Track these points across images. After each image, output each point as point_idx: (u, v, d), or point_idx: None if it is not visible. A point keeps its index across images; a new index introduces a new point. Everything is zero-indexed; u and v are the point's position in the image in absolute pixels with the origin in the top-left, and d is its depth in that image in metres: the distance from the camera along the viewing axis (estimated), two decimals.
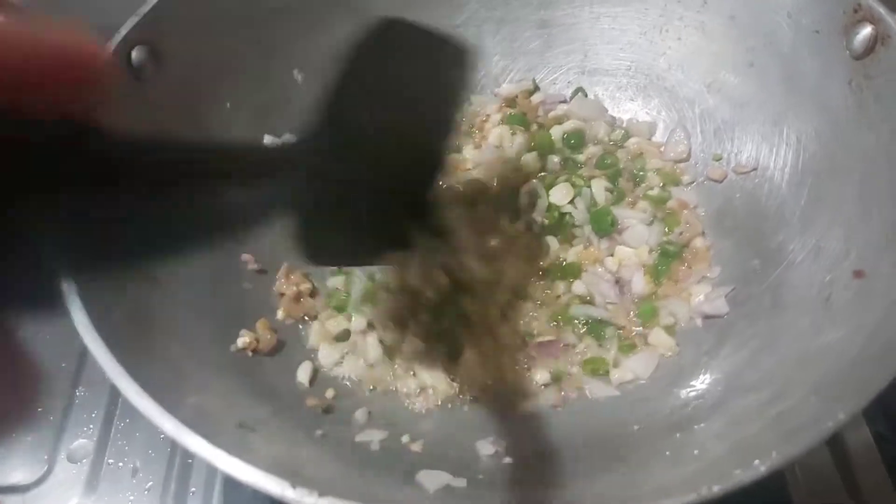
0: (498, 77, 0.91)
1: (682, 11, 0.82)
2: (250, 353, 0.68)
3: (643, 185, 0.82)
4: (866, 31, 0.66)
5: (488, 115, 0.88)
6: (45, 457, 0.78)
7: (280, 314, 0.75)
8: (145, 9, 0.69)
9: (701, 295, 0.74)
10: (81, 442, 0.79)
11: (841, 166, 0.68)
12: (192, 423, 0.52)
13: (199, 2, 0.74)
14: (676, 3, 0.82)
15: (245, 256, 0.77)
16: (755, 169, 0.77)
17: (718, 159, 0.81)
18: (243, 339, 0.68)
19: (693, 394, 0.66)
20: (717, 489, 0.42)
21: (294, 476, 0.45)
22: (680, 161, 0.83)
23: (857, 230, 0.64)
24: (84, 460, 0.78)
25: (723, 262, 0.76)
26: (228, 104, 0.79)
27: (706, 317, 0.73)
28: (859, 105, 0.67)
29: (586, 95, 0.88)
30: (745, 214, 0.76)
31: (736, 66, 0.79)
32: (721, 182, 0.80)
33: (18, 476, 0.77)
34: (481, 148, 0.87)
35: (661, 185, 0.81)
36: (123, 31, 0.68)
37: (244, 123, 0.80)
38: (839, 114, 0.69)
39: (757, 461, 0.43)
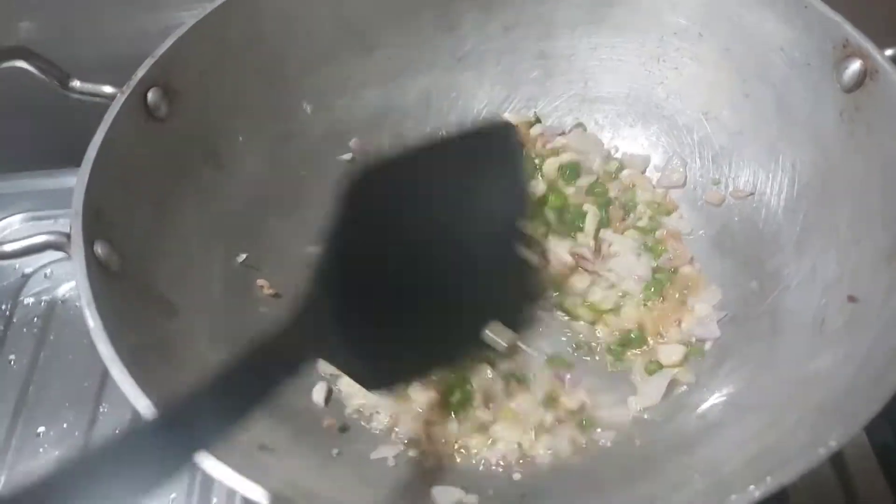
0: (500, 105, 0.93)
1: (678, 43, 0.85)
2: None
3: (632, 215, 0.85)
4: (855, 65, 0.69)
5: None
6: None
7: None
8: (161, 50, 0.72)
9: (695, 318, 0.76)
10: None
11: (834, 193, 0.71)
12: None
13: (212, 40, 0.76)
14: (672, 35, 0.84)
15: (260, 281, 0.79)
16: (752, 194, 0.80)
17: (717, 184, 0.83)
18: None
19: (693, 414, 0.68)
20: None
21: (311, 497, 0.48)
22: (675, 187, 0.86)
23: (849, 255, 0.67)
24: None
25: (723, 283, 0.78)
26: (241, 138, 0.81)
27: (697, 339, 0.75)
28: (850, 135, 0.69)
29: (585, 129, 0.91)
30: (744, 238, 0.79)
31: (732, 96, 0.82)
32: (719, 206, 0.83)
33: None
34: None
35: (651, 216, 0.84)
36: (140, 73, 0.70)
37: (258, 156, 0.83)
38: (831, 143, 0.72)
39: (752, 486, 0.45)
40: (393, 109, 0.91)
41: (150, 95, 0.71)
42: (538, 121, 0.92)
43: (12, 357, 0.90)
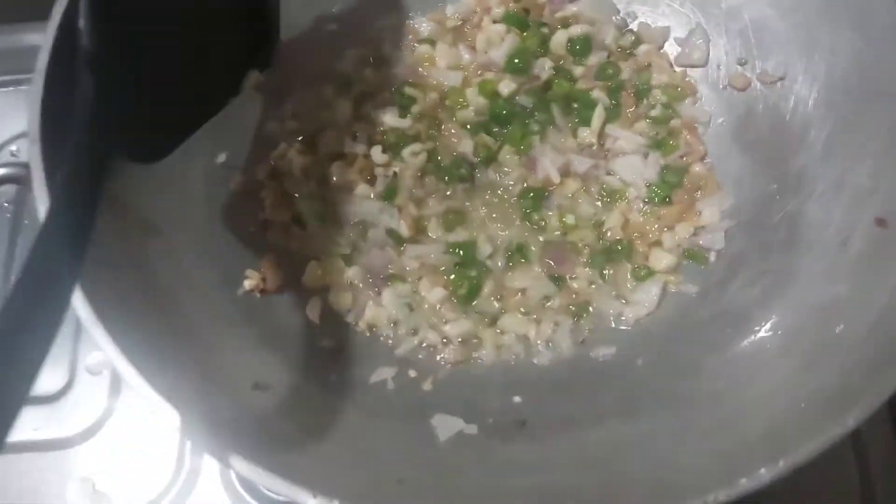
0: None
1: None
2: (258, 295, 0.68)
3: (645, 101, 0.76)
4: None
5: (489, 8, 0.80)
6: (67, 370, 0.80)
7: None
8: None
9: (701, 224, 0.72)
10: (96, 354, 0.80)
11: (876, 91, 0.63)
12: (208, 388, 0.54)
13: None
14: None
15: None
16: (782, 79, 0.72)
17: (743, 64, 0.75)
18: (249, 281, 0.67)
19: (700, 332, 0.66)
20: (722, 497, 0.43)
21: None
22: (696, 66, 0.77)
23: (885, 169, 0.61)
24: (104, 371, 0.80)
25: (739, 182, 0.72)
26: None
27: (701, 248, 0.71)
28: None
29: None
30: (768, 130, 0.72)
31: None
32: (744, 91, 0.74)
33: (43, 387, 0.79)
34: (458, 48, 0.80)
35: (667, 102, 0.76)
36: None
37: None
38: (880, 31, 0.63)
39: (763, 470, 0.44)
40: None
41: None
42: None
43: None
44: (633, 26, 0.80)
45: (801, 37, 0.70)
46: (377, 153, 0.74)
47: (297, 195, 0.74)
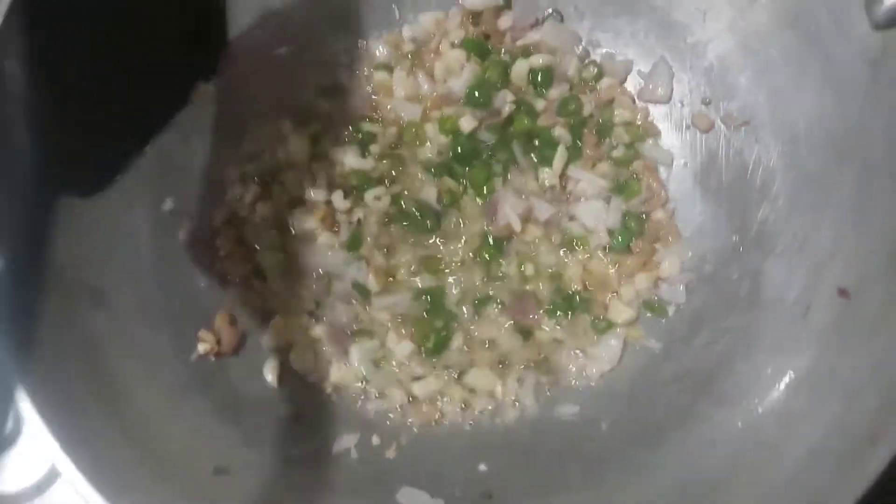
0: None
1: None
2: (213, 359, 0.65)
3: (607, 140, 0.74)
4: (891, 0, 0.57)
5: (446, 32, 0.76)
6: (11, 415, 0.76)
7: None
8: None
9: (662, 275, 0.71)
10: None
11: (843, 148, 0.63)
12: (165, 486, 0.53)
13: None
14: None
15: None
16: (747, 123, 0.70)
17: (707, 104, 0.73)
18: (203, 345, 0.65)
19: (664, 393, 0.66)
20: None
21: None
22: (659, 102, 0.75)
23: (847, 233, 0.61)
24: None
25: (701, 230, 0.72)
26: None
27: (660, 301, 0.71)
28: (872, 82, 0.60)
29: (562, 20, 0.76)
30: (731, 177, 0.71)
31: None
32: (707, 132, 0.73)
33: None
34: (417, 77, 0.76)
35: (629, 142, 0.74)
36: None
37: None
38: (849, 85, 0.62)
39: None
40: None
41: None
42: (508, 5, 0.77)
43: None
44: (596, 56, 0.77)
45: (766, 81, 0.69)
46: (339, 199, 0.71)
47: (256, 246, 0.71)
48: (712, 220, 0.71)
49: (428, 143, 0.74)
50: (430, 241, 0.72)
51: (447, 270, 0.72)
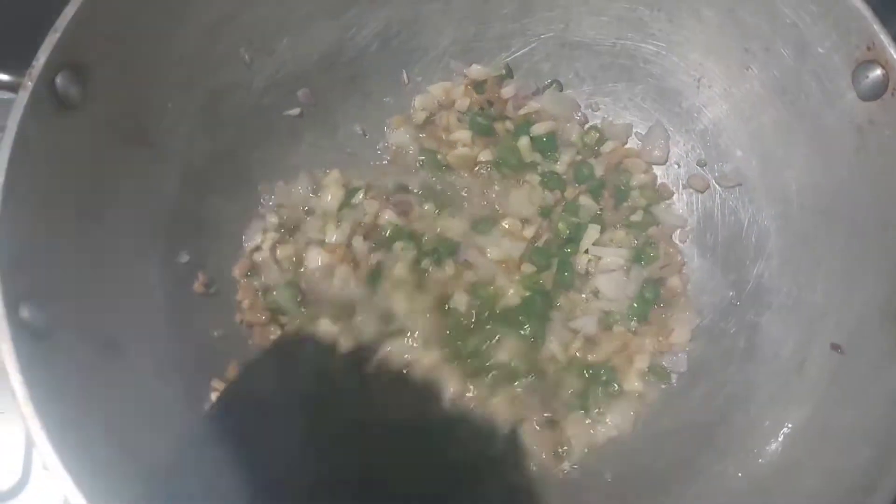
0: (468, 44, 0.81)
1: None
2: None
3: (625, 204, 0.77)
4: (876, 73, 0.61)
5: (454, 101, 0.80)
6: (20, 466, 0.77)
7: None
8: (63, 22, 0.58)
9: (672, 343, 0.73)
10: None
11: (831, 211, 0.66)
12: None
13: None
14: None
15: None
16: (740, 184, 0.74)
17: (703, 165, 0.77)
18: (216, 394, 0.66)
19: (665, 445, 0.68)
20: None
21: None
22: (656, 164, 0.79)
23: (838, 290, 0.64)
24: None
25: (701, 286, 0.75)
26: (170, 104, 0.69)
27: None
28: (859, 150, 0.64)
29: (561, 89, 0.81)
30: (727, 235, 0.75)
31: (730, 65, 0.73)
32: (703, 192, 0.77)
33: None
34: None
35: (646, 205, 0.77)
36: (43, 57, 0.57)
37: (192, 118, 0.71)
38: (836, 153, 0.65)
39: None
40: (346, 49, 0.79)
41: (58, 81, 0.57)
42: (510, 75, 0.81)
43: None
44: (596, 121, 0.81)
45: (759, 146, 0.73)
46: (359, 243, 0.74)
47: (273, 288, 0.74)
48: (710, 277, 0.75)
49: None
50: None
51: None
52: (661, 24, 0.76)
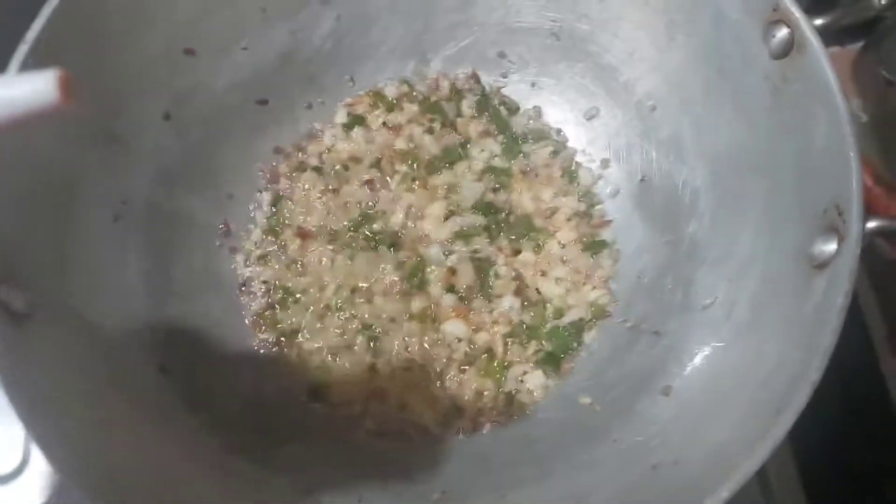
0: (419, 36, 0.87)
1: None
2: None
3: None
4: (783, 32, 0.65)
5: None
6: (21, 450, 0.82)
7: None
8: (33, 34, 0.63)
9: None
10: None
11: (754, 167, 0.70)
12: None
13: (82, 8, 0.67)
14: None
15: None
16: (675, 150, 0.78)
17: (640, 134, 0.81)
18: None
19: (608, 394, 0.72)
20: None
21: None
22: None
23: (763, 241, 0.67)
24: None
25: (641, 247, 0.79)
26: (137, 106, 0.74)
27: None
28: (774, 108, 0.67)
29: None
30: (663, 198, 0.79)
31: (658, 37, 0.77)
32: (641, 160, 0.81)
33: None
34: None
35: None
36: (14, 68, 0.62)
37: (158, 119, 0.77)
38: (755, 111, 0.69)
39: None
40: (301, 49, 0.84)
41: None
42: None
43: None
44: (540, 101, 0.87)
45: (689, 111, 0.77)
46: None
47: None
48: (650, 238, 0.79)
49: None
50: None
51: None
52: (592, 4, 0.81)
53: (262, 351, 0.78)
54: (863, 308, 0.84)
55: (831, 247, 0.58)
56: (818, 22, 0.67)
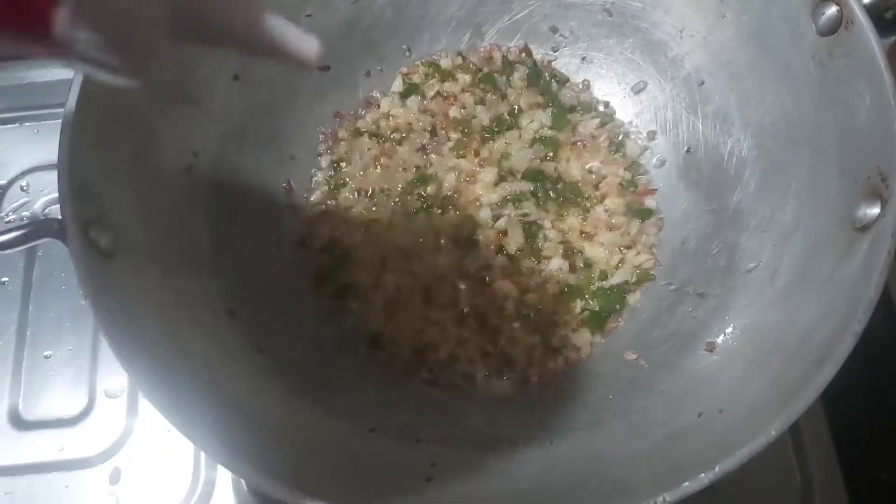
0: (474, 9, 0.90)
1: None
2: None
3: None
4: (832, 10, 0.68)
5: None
6: (86, 394, 0.88)
7: None
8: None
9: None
10: (114, 379, 0.88)
11: (798, 140, 0.73)
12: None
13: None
14: None
15: None
16: (722, 123, 0.82)
17: (687, 108, 0.85)
18: None
19: (653, 351, 0.76)
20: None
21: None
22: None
23: (805, 208, 0.71)
24: (121, 394, 0.88)
25: (686, 215, 0.83)
26: (208, 70, 0.79)
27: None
28: (820, 83, 0.70)
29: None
30: (709, 168, 0.82)
31: (707, 15, 0.81)
32: (688, 132, 0.85)
33: (66, 411, 0.87)
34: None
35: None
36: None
37: (227, 81, 0.81)
38: (801, 87, 0.72)
39: (703, 474, 0.53)
40: (363, 17, 0.88)
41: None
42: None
43: (5, 279, 0.93)
44: (589, 75, 0.90)
45: (736, 86, 0.80)
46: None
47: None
48: (694, 206, 0.82)
49: None
50: None
51: None
52: None
53: (322, 303, 0.82)
54: None
55: (874, 210, 0.61)
56: (866, 0, 0.69)
